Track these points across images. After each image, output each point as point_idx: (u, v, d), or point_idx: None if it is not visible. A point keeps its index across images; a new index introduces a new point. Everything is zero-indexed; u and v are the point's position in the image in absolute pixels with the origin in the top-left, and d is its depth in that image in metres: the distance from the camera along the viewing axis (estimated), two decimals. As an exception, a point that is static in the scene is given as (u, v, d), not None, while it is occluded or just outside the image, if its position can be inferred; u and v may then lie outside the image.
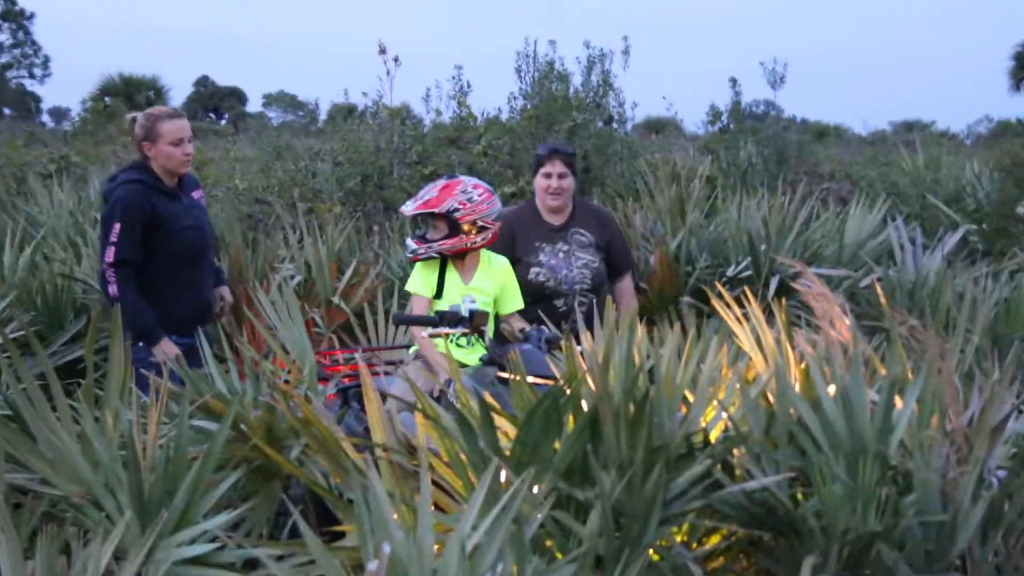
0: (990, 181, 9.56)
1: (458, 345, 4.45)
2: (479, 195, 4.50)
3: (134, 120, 4.96)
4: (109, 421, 3.12)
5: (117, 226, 4.72)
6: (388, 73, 9.67)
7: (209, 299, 5.21)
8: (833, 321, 3.41)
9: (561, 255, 5.35)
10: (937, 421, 2.88)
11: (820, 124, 32.18)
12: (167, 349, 4.68)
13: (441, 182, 4.56)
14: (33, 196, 8.09)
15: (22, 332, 4.87)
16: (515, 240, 5.30)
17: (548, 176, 5.33)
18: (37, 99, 51.93)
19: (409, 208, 4.55)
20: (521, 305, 4.78)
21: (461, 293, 4.54)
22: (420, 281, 4.59)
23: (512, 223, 5.33)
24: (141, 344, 4.70)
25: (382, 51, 9.50)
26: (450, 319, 4.16)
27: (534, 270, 5.30)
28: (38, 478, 3.14)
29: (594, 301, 5.24)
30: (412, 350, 4.66)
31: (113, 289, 4.69)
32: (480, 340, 4.22)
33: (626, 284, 5.64)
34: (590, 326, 3.49)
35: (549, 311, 5.01)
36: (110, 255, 4.71)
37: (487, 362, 4.05)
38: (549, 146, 5.49)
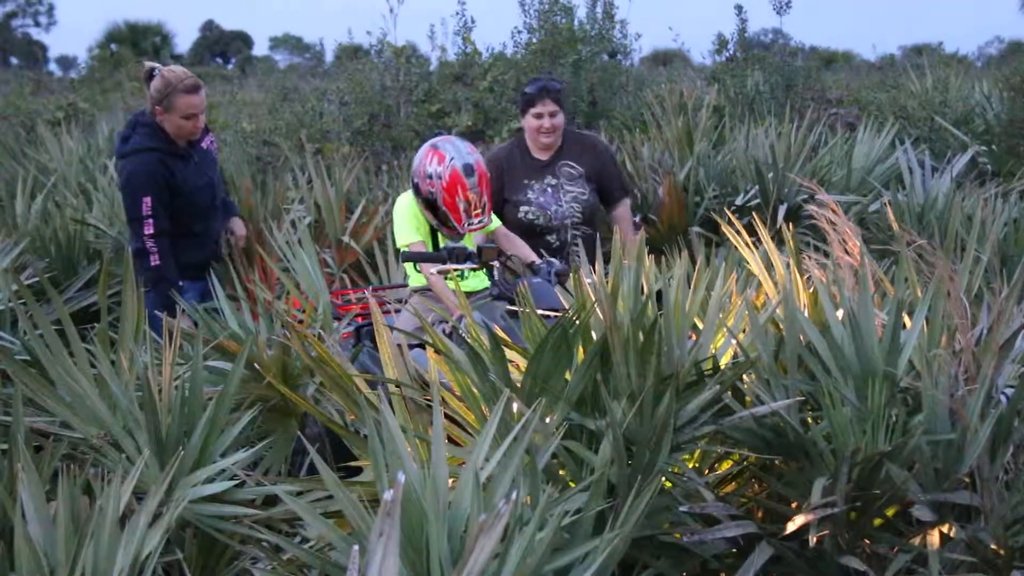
0: (1000, 102, 9.44)
1: (462, 277, 4.42)
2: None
3: (152, 72, 4.87)
4: (124, 364, 3.14)
5: (148, 199, 4.72)
6: (391, 11, 9.60)
7: (219, 244, 5.21)
8: (845, 242, 3.40)
9: (549, 190, 5.29)
10: (946, 341, 2.88)
11: (828, 51, 31.79)
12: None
13: (450, 171, 4.25)
14: (43, 144, 8.08)
15: (37, 279, 4.91)
16: (503, 180, 5.25)
17: (539, 116, 5.20)
18: (43, 48, 51.74)
19: (494, 218, 4.44)
20: (498, 221, 4.75)
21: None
22: (411, 228, 4.46)
23: (500, 162, 5.30)
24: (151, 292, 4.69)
25: (384, -13, 9.42)
26: (459, 254, 4.13)
27: (523, 208, 5.25)
28: (58, 421, 3.18)
29: (590, 232, 5.24)
30: (411, 285, 4.61)
31: (156, 259, 4.71)
32: (487, 274, 4.21)
33: (623, 210, 5.51)
34: (590, 258, 3.49)
35: (543, 247, 5.00)
36: (149, 228, 4.71)
37: (496, 296, 4.05)
38: (538, 85, 5.26)
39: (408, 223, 4.47)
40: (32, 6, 56.28)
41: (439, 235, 4.50)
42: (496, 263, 4.20)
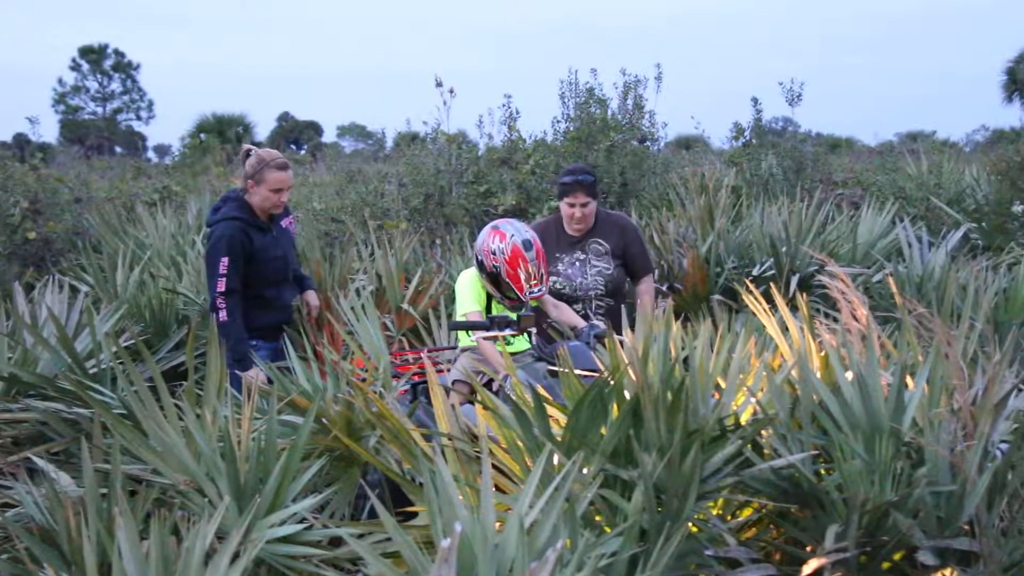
0: (987, 184, 9.39)
1: (508, 341, 4.43)
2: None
3: (248, 152, 5.04)
4: (208, 418, 3.16)
5: (225, 260, 4.79)
6: (444, 103, 9.71)
7: (290, 310, 5.26)
8: (854, 310, 3.37)
9: (577, 264, 5.28)
10: (945, 400, 2.84)
11: (833, 136, 31.74)
12: (256, 375, 4.65)
13: (511, 246, 4.32)
14: (140, 222, 8.20)
15: (133, 341, 4.96)
16: None
17: (572, 206, 5.20)
18: (143, 138, 53.07)
19: (546, 285, 4.42)
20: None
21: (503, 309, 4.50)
22: (472, 299, 4.48)
23: (538, 235, 5.27)
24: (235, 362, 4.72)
25: (439, 84, 9.52)
26: (500, 322, 4.14)
27: (552, 279, 5.23)
28: (150, 469, 3.20)
29: (612, 304, 5.23)
30: (460, 346, 4.63)
31: (223, 315, 4.75)
32: (527, 338, 4.21)
33: (645, 285, 5.44)
34: (614, 325, 3.49)
35: None
36: (221, 285, 4.77)
37: (538, 358, 4.05)
38: (572, 177, 5.21)
39: (470, 294, 4.50)
40: (135, 103, 57.97)
41: (492, 305, 4.51)
42: (533, 329, 4.21)
